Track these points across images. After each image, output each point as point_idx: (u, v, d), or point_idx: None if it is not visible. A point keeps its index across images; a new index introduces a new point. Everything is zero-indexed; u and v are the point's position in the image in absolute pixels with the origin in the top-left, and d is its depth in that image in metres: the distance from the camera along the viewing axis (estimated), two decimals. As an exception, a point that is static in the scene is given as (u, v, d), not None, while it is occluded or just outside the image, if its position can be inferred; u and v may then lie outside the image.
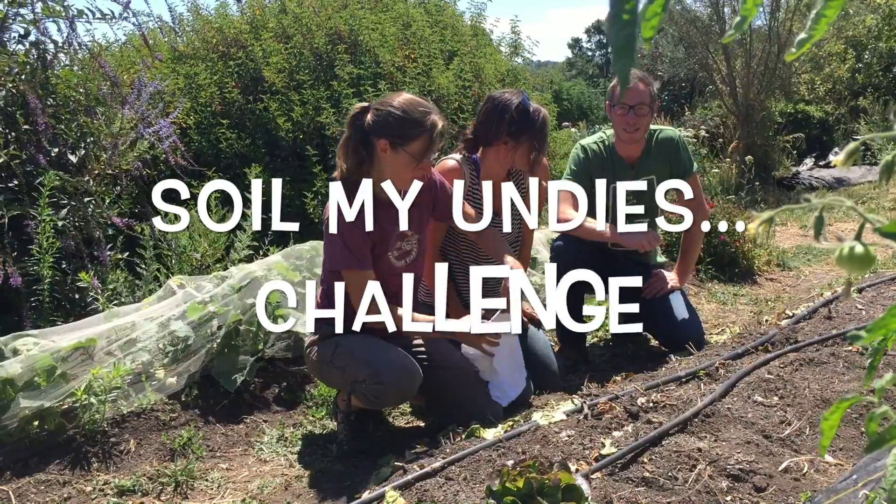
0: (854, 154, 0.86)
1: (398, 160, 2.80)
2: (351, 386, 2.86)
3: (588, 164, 3.73)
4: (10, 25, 3.88)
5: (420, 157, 2.79)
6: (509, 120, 3.28)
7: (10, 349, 3.04)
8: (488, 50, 7.35)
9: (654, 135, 3.80)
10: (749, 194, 8.92)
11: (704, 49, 12.35)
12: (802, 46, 0.80)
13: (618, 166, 3.76)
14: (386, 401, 2.89)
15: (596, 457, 2.32)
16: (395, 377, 2.77)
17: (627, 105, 3.61)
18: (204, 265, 4.15)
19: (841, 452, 2.44)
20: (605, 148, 3.78)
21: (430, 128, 2.77)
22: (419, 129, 2.77)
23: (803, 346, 3.17)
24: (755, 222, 0.85)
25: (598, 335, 4.40)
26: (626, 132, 3.65)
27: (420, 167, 2.83)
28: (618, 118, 3.66)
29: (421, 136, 2.77)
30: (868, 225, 0.87)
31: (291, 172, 5.55)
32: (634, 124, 3.62)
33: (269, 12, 6.66)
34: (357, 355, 2.83)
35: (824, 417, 0.92)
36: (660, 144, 3.79)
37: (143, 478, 2.76)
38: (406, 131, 2.76)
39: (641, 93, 3.62)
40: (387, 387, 2.77)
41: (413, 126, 2.76)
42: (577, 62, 51.13)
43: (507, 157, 3.35)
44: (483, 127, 3.37)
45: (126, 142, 4.03)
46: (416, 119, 2.77)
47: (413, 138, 2.77)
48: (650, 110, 3.65)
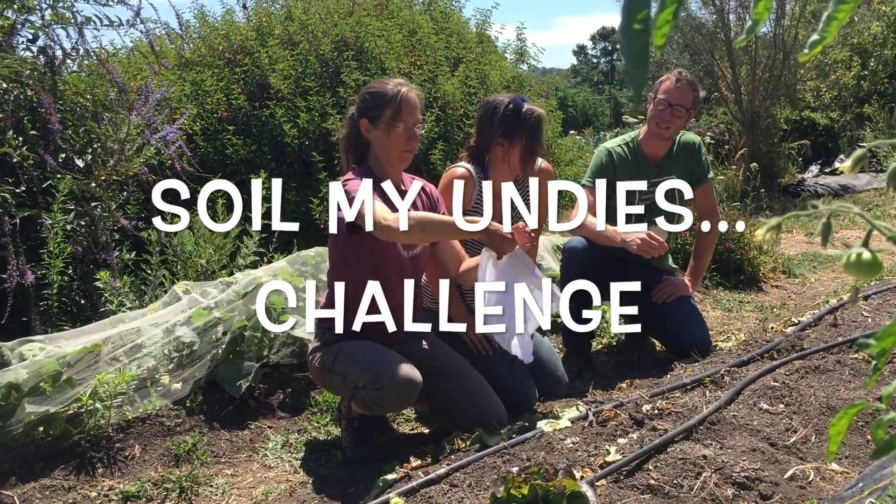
0: (861, 160, 0.86)
1: (380, 135, 2.94)
2: (351, 392, 2.85)
3: (612, 168, 3.73)
4: (20, 31, 3.91)
5: (393, 122, 2.91)
6: (500, 119, 3.31)
7: (15, 354, 3.04)
8: (493, 57, 7.36)
9: (678, 137, 3.83)
10: (754, 201, 8.89)
11: (710, 56, 12.35)
12: (815, 48, 0.81)
13: (643, 166, 3.77)
14: (386, 407, 2.87)
15: (601, 464, 2.32)
16: (394, 383, 2.76)
17: (668, 101, 3.63)
18: (209, 271, 4.16)
19: (847, 460, 2.43)
20: (630, 149, 3.80)
21: (394, 94, 2.93)
22: (386, 98, 2.92)
23: (809, 353, 3.16)
24: (762, 229, 0.85)
25: (602, 342, 4.39)
26: (658, 126, 3.68)
27: (403, 138, 2.93)
28: (656, 112, 3.69)
29: (389, 104, 2.91)
30: (875, 232, 0.87)
31: (297, 179, 5.55)
32: (668, 122, 3.65)
33: (275, 19, 6.69)
34: (357, 361, 2.83)
35: (832, 424, 0.91)
36: (682, 147, 3.82)
37: (147, 483, 2.76)
38: (376, 104, 2.94)
39: (685, 95, 3.65)
40: (387, 393, 2.76)
41: (381, 98, 2.93)
42: (582, 69, 51.19)
43: (504, 159, 3.35)
44: (479, 131, 3.41)
45: (133, 147, 4.05)
46: (382, 91, 2.95)
47: (383, 108, 2.92)
48: (687, 115, 3.68)
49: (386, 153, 2.97)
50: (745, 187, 9.57)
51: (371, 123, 2.95)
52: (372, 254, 2.89)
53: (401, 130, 2.93)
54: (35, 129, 3.85)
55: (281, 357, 3.61)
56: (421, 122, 3.00)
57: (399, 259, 2.97)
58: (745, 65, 11.86)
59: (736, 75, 11.74)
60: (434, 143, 5.75)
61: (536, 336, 3.54)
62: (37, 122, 3.89)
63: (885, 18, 14.17)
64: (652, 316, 3.85)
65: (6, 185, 3.58)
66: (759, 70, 11.65)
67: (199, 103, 5.79)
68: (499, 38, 8.41)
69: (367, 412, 2.89)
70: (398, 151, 2.95)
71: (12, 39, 3.90)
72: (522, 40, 7.92)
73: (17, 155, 3.62)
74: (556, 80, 27.00)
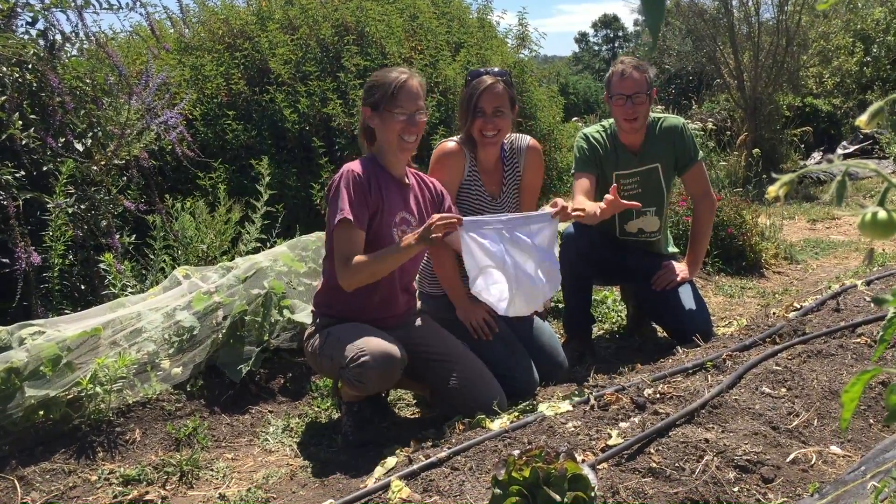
0: (878, 115, 0.84)
1: (380, 123, 2.98)
2: (339, 372, 2.85)
3: (593, 151, 3.72)
4: (20, 14, 3.88)
5: (391, 109, 2.94)
6: (466, 97, 3.36)
7: (15, 338, 3.04)
8: (495, 42, 7.31)
9: (658, 122, 3.78)
10: (756, 187, 8.88)
11: (712, 42, 12.31)
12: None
13: (621, 154, 3.74)
14: (369, 383, 2.82)
15: (602, 447, 2.31)
16: (374, 358, 2.76)
17: (625, 95, 3.59)
18: (210, 256, 4.15)
19: (849, 444, 2.42)
20: (607, 137, 3.76)
21: (392, 80, 2.95)
22: (385, 85, 2.95)
23: (811, 337, 3.15)
24: (775, 185, 0.83)
25: (604, 327, 4.39)
26: (626, 122, 3.64)
27: (402, 124, 2.94)
28: (617, 108, 3.65)
29: (387, 91, 2.94)
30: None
31: (298, 164, 5.53)
32: (633, 113, 3.61)
33: (275, 3, 6.64)
34: (342, 341, 2.84)
35: (845, 390, 0.90)
36: (664, 132, 3.77)
37: (148, 467, 2.76)
38: (376, 91, 2.97)
39: (637, 81, 3.60)
40: (367, 368, 2.75)
41: (380, 86, 2.97)
42: (583, 57, 50.94)
43: (480, 133, 3.37)
44: (460, 116, 3.45)
45: (133, 132, 4.03)
46: (383, 79, 2.98)
47: (383, 95, 2.95)
48: (648, 98, 3.63)
49: (387, 142, 2.99)
50: (748, 173, 9.56)
51: (373, 111, 3.00)
52: (367, 248, 2.89)
53: (400, 118, 2.93)
54: (34, 114, 3.83)
55: (281, 341, 3.61)
56: (422, 109, 2.99)
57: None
58: (747, 51, 11.81)
59: (738, 61, 11.69)
60: (435, 128, 5.72)
61: (537, 321, 3.54)
62: (36, 107, 3.87)
63: (889, 4, 14.09)
64: (653, 301, 3.84)
65: (8, 168, 3.57)
66: (761, 56, 11.60)
67: (199, 88, 5.75)
68: (500, 24, 8.35)
69: (355, 391, 2.89)
70: (396, 139, 2.95)
71: (12, 22, 3.87)
72: (524, 25, 7.87)
73: (24, 136, 3.61)
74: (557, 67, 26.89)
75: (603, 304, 4.57)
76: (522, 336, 3.43)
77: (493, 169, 3.50)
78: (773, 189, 0.83)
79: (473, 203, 3.44)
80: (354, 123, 5.44)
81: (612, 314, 4.49)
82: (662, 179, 3.78)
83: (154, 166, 4.39)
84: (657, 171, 3.76)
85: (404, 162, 3.07)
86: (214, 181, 5.09)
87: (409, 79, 2.97)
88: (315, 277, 3.76)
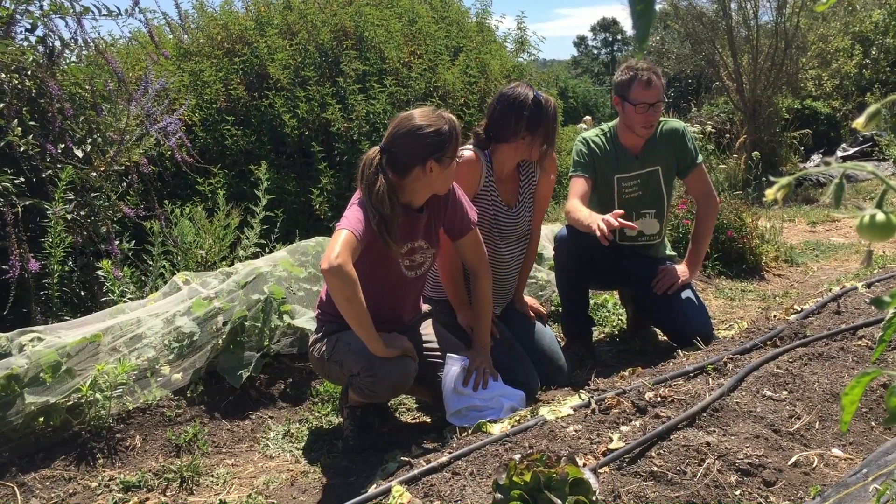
0: (875, 117, 0.84)
1: (442, 171, 2.85)
2: (348, 380, 2.85)
3: (592, 155, 3.71)
4: (19, 21, 3.88)
5: (455, 156, 2.88)
6: (528, 115, 3.26)
7: (15, 345, 3.03)
8: (493, 46, 7.32)
9: (659, 126, 3.77)
10: (756, 190, 8.88)
11: (711, 45, 12.31)
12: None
13: (622, 157, 3.73)
14: (380, 393, 2.84)
15: (604, 451, 2.31)
16: (387, 369, 2.76)
17: (648, 103, 3.57)
18: (210, 262, 4.15)
19: (851, 447, 2.42)
20: (608, 140, 3.75)
21: (451, 129, 2.83)
22: (447, 135, 2.81)
23: (812, 340, 3.14)
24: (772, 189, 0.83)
25: (604, 331, 4.38)
26: (644, 129, 3.63)
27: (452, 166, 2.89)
28: (638, 116, 3.60)
29: (452, 140, 2.83)
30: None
31: (297, 169, 5.54)
32: (653, 120, 3.61)
33: (273, 9, 6.65)
34: (353, 349, 2.82)
35: (845, 392, 0.90)
36: (665, 135, 3.76)
37: (148, 473, 2.76)
38: (441, 142, 2.80)
39: (659, 89, 3.59)
40: (379, 379, 2.75)
41: (442, 136, 2.81)
42: (582, 60, 51.03)
43: (524, 151, 3.33)
44: (499, 125, 3.31)
45: (132, 138, 4.03)
46: (441, 128, 2.81)
47: (448, 145, 2.82)
48: (664, 103, 3.64)
49: (440, 187, 2.93)
50: (747, 176, 9.55)
51: (438, 163, 2.82)
52: (372, 272, 2.86)
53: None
54: (34, 120, 3.83)
55: (281, 347, 3.60)
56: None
57: (401, 279, 2.98)
58: (746, 54, 11.82)
59: (737, 64, 11.70)
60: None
61: (538, 326, 3.54)
62: (35, 113, 3.87)
63: (887, 6, 14.11)
64: (653, 304, 3.83)
65: (7, 174, 3.56)
66: (760, 59, 11.61)
67: (198, 94, 5.76)
68: (499, 28, 8.36)
69: (364, 399, 2.89)
70: (450, 181, 2.95)
71: (11, 29, 3.87)
72: (523, 29, 7.88)
73: (23, 144, 3.61)
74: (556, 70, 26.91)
75: (603, 307, 4.57)
76: (524, 340, 3.42)
77: (509, 178, 3.46)
78: (770, 192, 0.83)
79: (489, 213, 3.39)
80: (353, 128, 5.44)
81: (613, 317, 4.49)
82: (663, 182, 3.78)
83: (153, 172, 4.39)
84: (657, 173, 3.76)
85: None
86: (213, 186, 5.09)
87: (452, 116, 2.91)
88: (315, 282, 3.76)
